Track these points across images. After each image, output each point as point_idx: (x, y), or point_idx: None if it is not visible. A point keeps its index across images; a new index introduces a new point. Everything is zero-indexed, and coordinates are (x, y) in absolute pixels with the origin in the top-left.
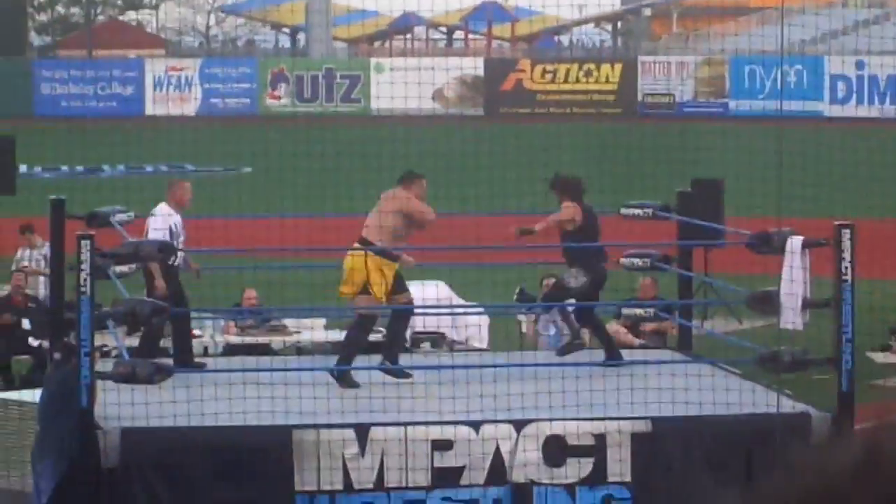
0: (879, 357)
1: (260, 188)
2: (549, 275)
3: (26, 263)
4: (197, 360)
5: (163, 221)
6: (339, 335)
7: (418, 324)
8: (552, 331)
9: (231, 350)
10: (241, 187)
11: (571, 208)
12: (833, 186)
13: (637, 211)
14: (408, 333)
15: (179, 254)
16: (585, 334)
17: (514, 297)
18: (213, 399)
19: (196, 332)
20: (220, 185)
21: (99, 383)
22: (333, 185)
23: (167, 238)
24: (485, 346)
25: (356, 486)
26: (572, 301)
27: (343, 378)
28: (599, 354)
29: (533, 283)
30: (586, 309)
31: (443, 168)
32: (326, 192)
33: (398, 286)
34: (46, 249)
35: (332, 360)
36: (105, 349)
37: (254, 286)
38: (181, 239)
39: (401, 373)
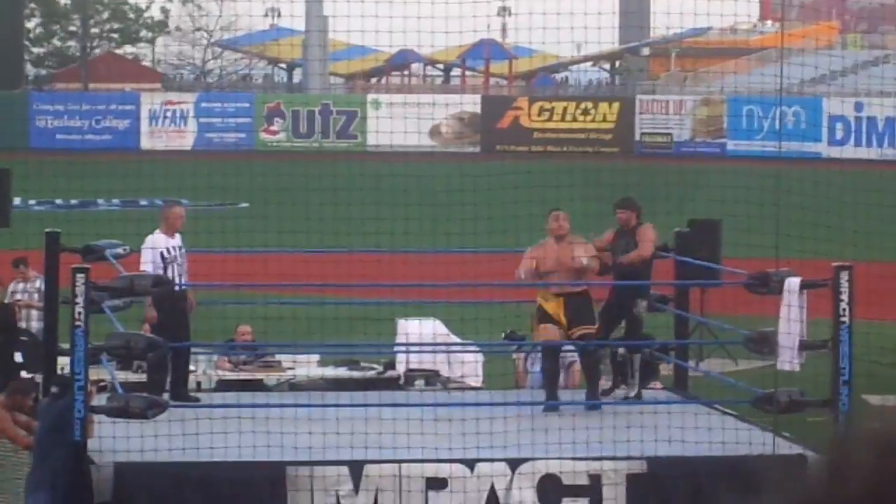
0: (875, 399)
1: (256, 223)
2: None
3: (19, 297)
4: (191, 394)
5: (150, 254)
6: (332, 371)
7: (413, 361)
8: (538, 368)
9: (224, 386)
10: (237, 222)
11: (654, 233)
12: (831, 228)
13: None
14: (401, 370)
15: (178, 277)
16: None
17: (502, 338)
18: (207, 434)
19: (190, 367)
20: (217, 219)
21: (95, 417)
22: (330, 221)
23: (158, 267)
24: (480, 383)
25: None
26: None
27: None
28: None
29: (520, 322)
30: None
31: (439, 204)
32: (324, 227)
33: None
34: (39, 283)
35: (327, 397)
36: (103, 384)
37: (248, 322)
38: (178, 262)
39: None
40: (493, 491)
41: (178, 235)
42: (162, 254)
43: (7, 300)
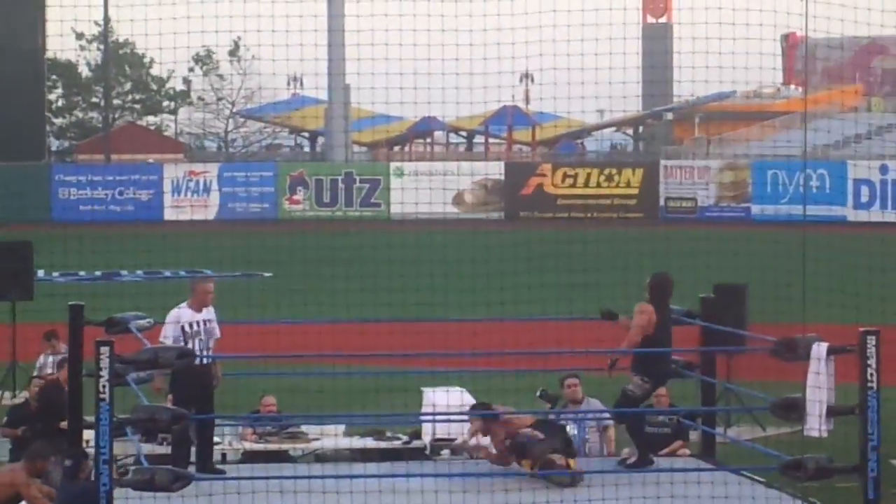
0: None
1: (281, 294)
2: (570, 375)
3: (49, 370)
4: (216, 466)
5: (171, 329)
6: (358, 442)
7: (439, 430)
8: (573, 432)
9: (249, 457)
10: (261, 293)
11: (646, 315)
12: (858, 292)
13: None
14: (427, 440)
15: (200, 352)
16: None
17: (536, 396)
18: None
19: (215, 438)
20: (241, 290)
21: (119, 492)
22: (355, 291)
23: (178, 341)
24: None
25: None
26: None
27: None
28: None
29: (553, 385)
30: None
31: (464, 273)
32: (349, 297)
33: None
34: None
35: (353, 468)
36: (120, 460)
37: (273, 393)
38: (201, 337)
39: None
40: None
41: (206, 310)
42: (183, 328)
43: (36, 373)
